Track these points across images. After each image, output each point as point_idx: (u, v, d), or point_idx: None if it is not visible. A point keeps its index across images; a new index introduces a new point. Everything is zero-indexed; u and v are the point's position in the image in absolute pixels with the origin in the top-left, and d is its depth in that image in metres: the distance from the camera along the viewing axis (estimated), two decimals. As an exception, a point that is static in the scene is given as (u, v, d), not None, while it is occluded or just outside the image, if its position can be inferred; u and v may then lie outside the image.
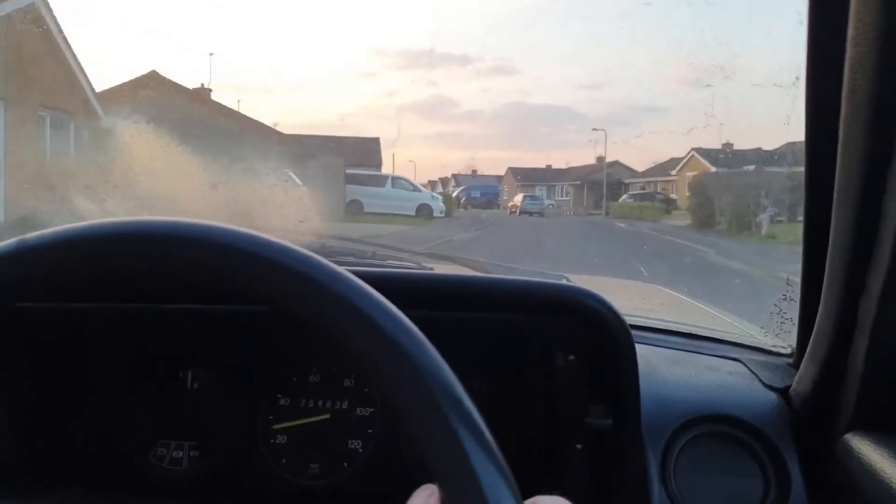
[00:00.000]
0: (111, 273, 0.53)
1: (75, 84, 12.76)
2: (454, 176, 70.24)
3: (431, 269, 1.22)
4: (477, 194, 52.05)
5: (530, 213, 35.50)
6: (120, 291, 0.94)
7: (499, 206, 48.50)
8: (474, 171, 71.28)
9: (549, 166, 66.51)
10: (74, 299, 0.93)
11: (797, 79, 0.81)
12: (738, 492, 0.88)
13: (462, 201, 46.82)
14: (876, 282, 0.75)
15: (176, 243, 0.46)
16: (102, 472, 0.98)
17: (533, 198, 40.89)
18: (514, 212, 37.41)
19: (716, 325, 1.46)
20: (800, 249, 0.91)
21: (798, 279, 0.96)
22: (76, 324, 0.98)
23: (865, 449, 0.77)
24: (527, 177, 63.96)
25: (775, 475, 0.88)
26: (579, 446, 0.86)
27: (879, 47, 0.68)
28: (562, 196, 58.46)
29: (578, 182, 53.02)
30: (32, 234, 0.48)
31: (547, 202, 46.04)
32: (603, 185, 42.04)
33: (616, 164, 47.20)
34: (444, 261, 1.76)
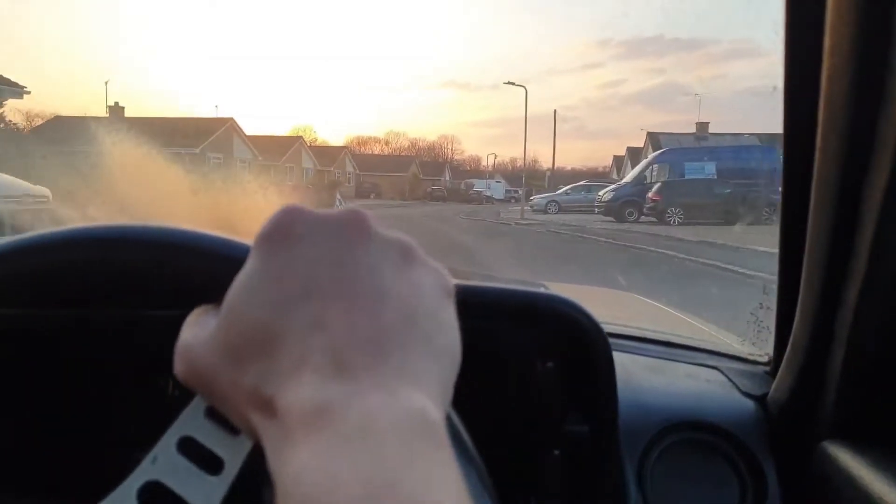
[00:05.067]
0: (90, 278, 0.52)
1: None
2: (651, 136, 35.67)
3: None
4: (709, 173, 18.77)
5: None
6: (98, 297, 0.92)
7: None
8: (702, 127, 34.27)
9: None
10: (52, 305, 0.92)
11: (774, 88, 0.81)
12: (714, 499, 0.89)
13: (654, 191, 18.16)
14: (852, 291, 0.75)
15: (160, 248, 0.46)
16: (78, 480, 0.97)
17: None
18: None
19: (693, 334, 1.46)
20: None
21: (775, 288, 0.96)
22: (50, 331, 0.96)
23: (842, 456, 0.78)
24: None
25: (752, 483, 0.88)
26: (557, 452, 0.86)
27: (855, 58, 0.68)
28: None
29: None
30: (4, 239, 0.48)
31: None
32: None
33: None
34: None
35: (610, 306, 1.88)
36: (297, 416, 0.32)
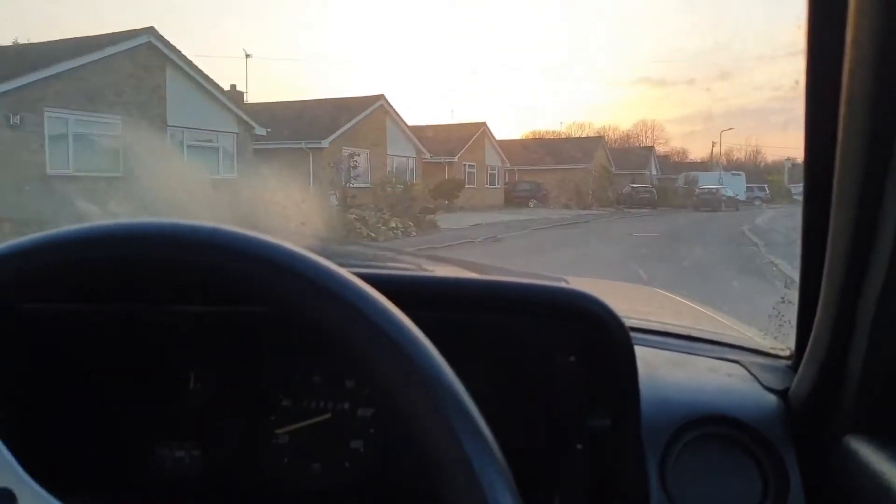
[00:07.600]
0: (111, 275, 0.53)
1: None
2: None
3: (432, 271, 1.23)
4: None
5: None
6: (121, 293, 0.94)
7: None
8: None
9: None
10: (75, 301, 0.94)
11: (797, 82, 0.81)
12: (736, 493, 0.89)
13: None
14: (874, 285, 0.75)
15: (182, 246, 0.47)
16: (103, 473, 0.99)
17: None
18: None
19: (715, 328, 1.46)
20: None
21: (797, 282, 0.96)
22: (77, 325, 0.98)
23: (864, 451, 0.78)
24: None
25: (774, 477, 0.88)
26: (579, 447, 0.86)
27: (877, 51, 0.68)
28: None
29: None
30: (31, 236, 0.49)
31: None
32: None
33: None
34: (443, 263, 1.77)
35: (631, 300, 1.88)
36: None
